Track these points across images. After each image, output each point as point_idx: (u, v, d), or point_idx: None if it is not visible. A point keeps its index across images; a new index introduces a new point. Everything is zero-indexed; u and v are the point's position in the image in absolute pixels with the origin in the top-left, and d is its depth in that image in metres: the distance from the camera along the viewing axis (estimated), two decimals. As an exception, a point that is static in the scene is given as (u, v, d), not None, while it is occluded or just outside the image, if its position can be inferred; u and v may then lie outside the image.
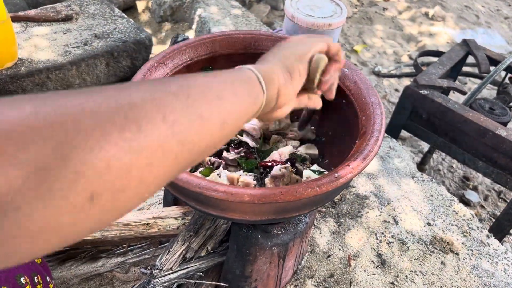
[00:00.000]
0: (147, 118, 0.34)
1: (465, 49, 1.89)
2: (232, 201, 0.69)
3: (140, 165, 0.33)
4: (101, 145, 0.30)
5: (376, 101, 0.89)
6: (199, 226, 0.95)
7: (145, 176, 0.34)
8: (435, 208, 1.26)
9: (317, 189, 0.70)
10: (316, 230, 1.18)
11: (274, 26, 2.99)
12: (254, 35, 1.04)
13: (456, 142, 1.59)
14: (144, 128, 0.33)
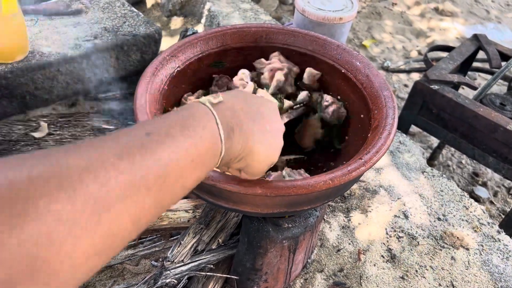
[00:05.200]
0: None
1: (475, 44, 1.88)
2: (245, 193, 0.69)
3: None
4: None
5: (389, 94, 0.88)
6: (210, 219, 0.95)
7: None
8: (445, 203, 1.25)
9: (329, 182, 0.70)
10: (326, 225, 1.18)
11: (282, 20, 2.98)
12: (265, 28, 1.04)
13: (466, 137, 1.58)
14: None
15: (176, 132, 0.43)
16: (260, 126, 0.57)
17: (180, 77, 0.94)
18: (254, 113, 0.57)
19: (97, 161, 0.34)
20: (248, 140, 0.55)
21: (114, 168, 0.35)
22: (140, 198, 0.36)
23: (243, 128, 0.54)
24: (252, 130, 0.55)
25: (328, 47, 1.01)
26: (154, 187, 0.38)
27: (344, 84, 0.99)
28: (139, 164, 0.37)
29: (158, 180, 0.38)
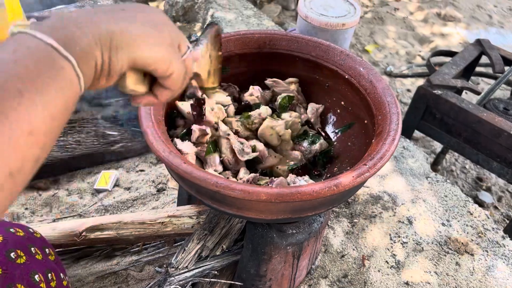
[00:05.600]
0: None
1: (478, 49, 1.88)
2: (249, 199, 0.69)
3: None
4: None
5: (392, 100, 0.88)
6: (214, 225, 0.95)
7: None
8: (449, 209, 1.25)
9: (334, 188, 0.70)
10: (330, 230, 1.18)
11: (285, 26, 2.99)
12: (268, 35, 1.04)
13: (470, 142, 1.57)
14: None
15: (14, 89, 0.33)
16: (108, 12, 0.43)
17: (184, 83, 0.94)
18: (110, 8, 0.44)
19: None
20: (98, 26, 0.40)
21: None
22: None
23: (81, 20, 0.40)
24: (99, 17, 0.41)
25: (331, 53, 1.01)
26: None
27: (348, 89, 0.99)
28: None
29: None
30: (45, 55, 0.36)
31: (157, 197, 1.29)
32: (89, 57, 0.39)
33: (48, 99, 0.35)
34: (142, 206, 1.27)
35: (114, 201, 1.28)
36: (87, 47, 0.39)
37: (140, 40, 0.43)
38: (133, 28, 0.43)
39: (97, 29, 0.40)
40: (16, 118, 0.32)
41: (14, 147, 0.32)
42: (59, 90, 0.36)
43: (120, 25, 0.42)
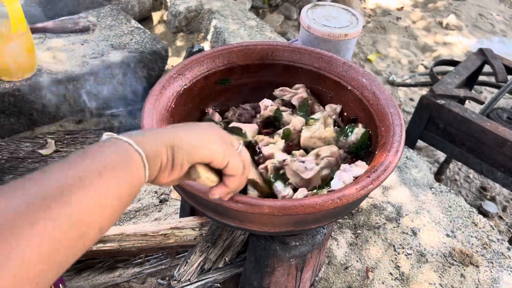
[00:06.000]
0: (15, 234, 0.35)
1: (481, 58, 1.88)
2: (252, 212, 0.69)
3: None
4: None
5: (395, 111, 0.88)
6: (216, 237, 0.95)
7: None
8: (453, 220, 1.24)
9: (337, 201, 0.70)
10: (333, 241, 1.17)
11: (287, 36, 3.00)
12: (271, 46, 1.04)
13: (474, 152, 1.57)
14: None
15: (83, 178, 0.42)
16: (177, 127, 0.58)
17: (187, 94, 0.94)
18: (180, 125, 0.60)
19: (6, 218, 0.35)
20: (167, 133, 0.54)
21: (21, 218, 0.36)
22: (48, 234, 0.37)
23: (155, 131, 0.55)
24: (167, 129, 0.56)
25: (334, 64, 1.01)
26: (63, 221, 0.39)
27: (351, 100, 0.99)
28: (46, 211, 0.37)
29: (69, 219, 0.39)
30: (124, 151, 0.47)
31: (159, 208, 1.29)
32: (156, 155, 0.50)
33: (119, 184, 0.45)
34: (145, 217, 1.26)
35: (116, 212, 1.27)
36: (156, 148, 0.51)
37: (196, 141, 0.56)
38: (191, 134, 0.56)
39: (166, 135, 0.53)
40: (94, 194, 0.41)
41: (87, 216, 0.40)
42: (127, 178, 0.46)
43: (182, 133, 0.55)
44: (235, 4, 2.22)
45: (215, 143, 0.57)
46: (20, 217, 0.36)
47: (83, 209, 0.40)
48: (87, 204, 0.40)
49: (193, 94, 0.96)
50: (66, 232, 0.38)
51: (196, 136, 0.56)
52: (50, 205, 0.37)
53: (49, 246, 0.37)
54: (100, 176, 0.43)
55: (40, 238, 0.36)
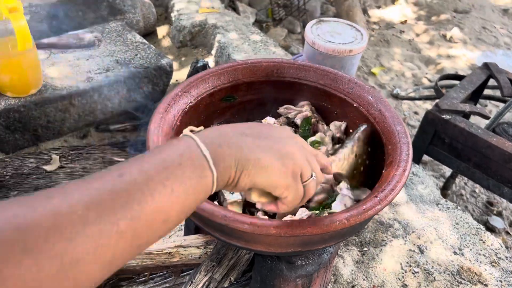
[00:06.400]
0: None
1: (486, 72, 1.87)
2: (258, 233, 0.68)
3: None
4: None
5: (402, 129, 0.87)
6: (222, 256, 0.94)
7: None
8: (461, 237, 1.23)
9: (345, 221, 0.69)
10: (340, 259, 1.16)
11: (291, 49, 3.01)
12: (276, 63, 1.04)
13: (480, 167, 1.56)
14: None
15: (153, 175, 0.42)
16: (255, 137, 0.55)
17: (192, 112, 0.94)
18: (248, 129, 0.56)
19: (65, 216, 0.34)
20: (241, 150, 0.52)
21: (82, 221, 0.35)
22: (112, 244, 0.37)
23: (233, 141, 0.52)
24: (245, 141, 0.53)
25: (339, 81, 1.01)
26: (128, 232, 0.38)
27: (357, 118, 0.98)
28: (109, 213, 0.37)
29: (132, 224, 0.38)
30: (199, 165, 0.47)
31: (164, 224, 1.28)
32: (226, 173, 0.50)
33: (187, 198, 0.44)
34: (149, 234, 1.25)
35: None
36: (228, 167, 0.50)
37: (264, 171, 0.53)
38: (264, 160, 0.53)
39: (240, 153, 0.51)
40: (160, 209, 0.41)
41: (150, 229, 0.41)
42: (196, 193, 0.46)
43: (255, 155, 0.53)
44: (239, 18, 2.23)
45: (280, 175, 0.55)
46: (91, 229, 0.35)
47: (148, 222, 0.40)
48: (152, 218, 0.40)
49: (198, 112, 0.96)
50: (130, 244, 0.38)
51: (269, 162, 0.54)
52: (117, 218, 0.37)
53: (112, 257, 0.37)
54: (171, 192, 0.42)
55: (103, 251, 0.36)
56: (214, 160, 0.48)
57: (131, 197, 0.39)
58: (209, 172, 0.47)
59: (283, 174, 0.55)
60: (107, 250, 0.36)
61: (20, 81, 1.33)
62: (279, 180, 0.55)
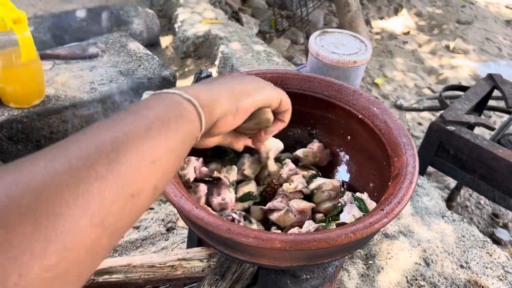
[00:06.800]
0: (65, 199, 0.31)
1: (490, 83, 1.87)
2: (263, 247, 0.67)
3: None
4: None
5: (408, 141, 0.86)
6: (225, 269, 0.93)
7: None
8: (467, 250, 1.21)
9: (351, 235, 0.68)
10: (344, 273, 1.14)
11: (294, 60, 3.01)
12: (280, 74, 1.03)
13: (486, 179, 1.54)
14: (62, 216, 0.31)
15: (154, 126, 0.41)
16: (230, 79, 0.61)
17: (196, 123, 0.93)
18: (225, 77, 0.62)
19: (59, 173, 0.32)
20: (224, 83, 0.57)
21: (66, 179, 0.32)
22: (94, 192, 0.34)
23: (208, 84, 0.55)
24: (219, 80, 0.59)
25: (344, 92, 1.00)
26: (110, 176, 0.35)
27: (361, 129, 0.97)
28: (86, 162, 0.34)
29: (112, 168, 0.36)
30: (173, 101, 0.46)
31: (166, 236, 1.27)
32: (214, 101, 0.52)
33: (170, 135, 0.42)
34: (151, 246, 1.24)
35: (123, 241, 1.25)
36: (211, 95, 0.52)
37: (254, 90, 0.61)
38: (248, 86, 0.61)
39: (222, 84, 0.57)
40: (143, 148, 0.38)
41: (138, 173, 0.37)
42: (179, 128, 0.44)
43: (237, 82, 0.60)
44: (243, 29, 2.24)
45: (267, 87, 0.66)
46: (63, 178, 0.32)
47: (133, 166, 0.37)
48: (136, 160, 0.37)
49: (202, 123, 0.95)
50: (117, 192, 0.35)
51: (253, 86, 0.62)
52: (93, 164, 0.34)
53: (100, 209, 0.33)
54: (149, 129, 0.40)
55: (87, 200, 0.32)
56: (189, 94, 0.48)
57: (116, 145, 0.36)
58: (187, 104, 0.47)
59: (269, 86, 0.66)
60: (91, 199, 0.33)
61: (23, 91, 1.33)
62: (271, 91, 0.65)
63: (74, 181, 0.32)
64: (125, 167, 0.36)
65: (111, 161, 0.35)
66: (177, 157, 0.43)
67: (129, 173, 0.36)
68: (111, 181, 0.34)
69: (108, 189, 0.34)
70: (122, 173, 0.36)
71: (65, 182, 0.32)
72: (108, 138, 0.37)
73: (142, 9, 2.16)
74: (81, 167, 0.33)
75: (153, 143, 0.39)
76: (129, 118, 0.40)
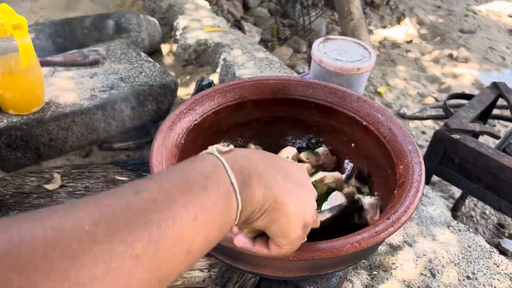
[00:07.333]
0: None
1: (495, 92, 1.85)
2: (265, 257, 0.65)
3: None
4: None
5: (414, 149, 0.85)
6: (226, 280, 0.90)
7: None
8: (474, 260, 1.18)
9: (356, 245, 0.65)
10: (348, 283, 1.12)
11: (296, 68, 3.00)
12: (283, 81, 1.02)
13: (492, 188, 1.52)
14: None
15: (175, 197, 0.37)
16: (285, 176, 0.50)
17: (197, 130, 0.91)
18: (277, 165, 0.51)
19: (68, 231, 0.29)
20: (271, 188, 0.47)
21: (89, 238, 0.30)
22: (126, 269, 0.31)
23: (263, 175, 0.46)
24: (275, 178, 0.48)
25: (348, 99, 0.98)
26: (145, 258, 0.33)
27: (366, 137, 0.96)
28: (123, 232, 0.32)
29: (149, 249, 0.33)
30: (225, 192, 0.42)
31: (166, 245, 1.25)
32: (249, 208, 0.45)
33: (211, 227, 0.40)
34: (151, 256, 1.22)
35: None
36: (253, 202, 0.45)
37: (287, 218, 0.49)
38: (289, 207, 0.49)
39: (269, 191, 0.46)
40: (183, 238, 0.36)
41: (172, 261, 0.35)
42: (220, 224, 0.41)
43: (284, 198, 0.48)
44: (245, 37, 2.22)
45: (297, 228, 0.52)
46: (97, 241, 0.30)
47: (168, 247, 0.35)
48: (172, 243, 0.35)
49: (203, 129, 0.94)
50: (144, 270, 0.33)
51: (292, 203, 0.49)
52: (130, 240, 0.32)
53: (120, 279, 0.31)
54: (195, 221, 0.37)
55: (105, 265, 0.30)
56: (240, 190, 0.43)
57: (149, 217, 0.34)
58: (234, 202, 0.42)
59: (298, 225, 0.52)
60: (120, 277, 0.31)
61: (22, 98, 1.31)
62: (293, 231, 0.52)
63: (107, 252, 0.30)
64: (161, 251, 0.34)
65: (151, 241, 0.33)
66: (206, 251, 0.42)
67: (163, 256, 0.34)
68: (144, 261, 0.33)
69: (140, 268, 0.32)
70: (158, 256, 0.34)
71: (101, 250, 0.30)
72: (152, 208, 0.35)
73: (143, 16, 2.15)
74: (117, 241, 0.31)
75: (193, 233, 0.37)
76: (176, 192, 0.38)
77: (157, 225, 0.34)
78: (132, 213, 0.33)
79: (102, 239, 0.30)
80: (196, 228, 0.38)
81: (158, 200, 0.36)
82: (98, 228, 0.31)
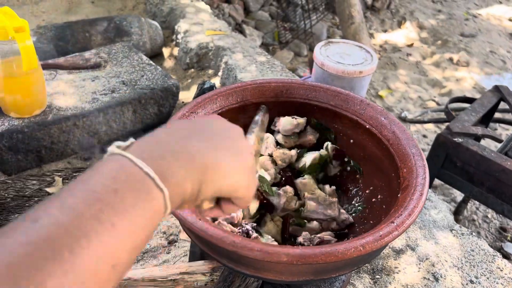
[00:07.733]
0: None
1: (497, 95, 1.84)
2: (268, 260, 0.65)
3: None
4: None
5: (417, 152, 0.84)
6: (228, 284, 0.90)
7: None
8: (477, 264, 1.18)
9: (360, 248, 0.65)
10: None
11: (297, 72, 3.00)
12: (285, 84, 1.02)
13: (494, 192, 1.51)
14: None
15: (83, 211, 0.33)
16: (199, 137, 0.45)
17: (199, 133, 0.91)
18: (198, 131, 0.46)
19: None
20: (193, 158, 0.42)
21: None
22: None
23: (176, 149, 0.41)
24: (191, 145, 0.43)
25: (350, 102, 0.98)
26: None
27: (369, 140, 0.95)
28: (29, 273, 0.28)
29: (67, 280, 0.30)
30: (141, 186, 0.37)
31: (168, 249, 1.24)
32: (180, 189, 0.40)
33: (136, 231, 0.35)
34: (153, 259, 1.21)
35: (123, 253, 1.22)
36: (181, 181, 0.40)
37: (230, 173, 0.45)
38: (225, 162, 0.45)
39: (192, 162, 0.42)
40: (104, 253, 0.32)
41: (97, 280, 0.31)
42: (147, 221, 0.36)
43: (213, 159, 0.44)
44: (246, 41, 2.22)
45: (246, 174, 0.48)
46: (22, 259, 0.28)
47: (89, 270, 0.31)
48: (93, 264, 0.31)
49: (205, 133, 0.93)
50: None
51: (230, 162, 0.46)
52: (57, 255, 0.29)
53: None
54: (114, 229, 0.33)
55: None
56: (160, 176, 0.38)
57: (56, 244, 0.29)
58: (157, 192, 0.37)
59: (244, 173, 0.48)
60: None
61: (24, 101, 1.31)
62: (242, 181, 0.48)
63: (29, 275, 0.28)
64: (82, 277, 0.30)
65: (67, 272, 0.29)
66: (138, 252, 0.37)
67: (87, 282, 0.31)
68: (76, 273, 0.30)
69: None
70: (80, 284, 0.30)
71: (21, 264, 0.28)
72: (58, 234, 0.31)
73: (145, 20, 2.16)
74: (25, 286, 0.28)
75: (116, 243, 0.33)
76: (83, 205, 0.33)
77: (69, 250, 0.30)
78: (35, 246, 0.29)
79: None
80: (117, 237, 0.33)
81: (63, 221, 0.31)
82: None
